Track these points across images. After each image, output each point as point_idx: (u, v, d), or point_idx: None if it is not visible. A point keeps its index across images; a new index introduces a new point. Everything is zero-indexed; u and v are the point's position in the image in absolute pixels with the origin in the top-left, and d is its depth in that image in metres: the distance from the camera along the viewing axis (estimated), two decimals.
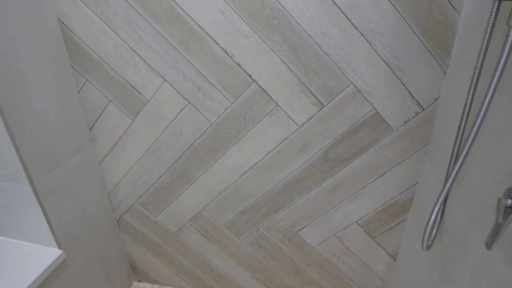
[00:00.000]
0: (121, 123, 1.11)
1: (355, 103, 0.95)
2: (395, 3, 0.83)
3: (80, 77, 1.06)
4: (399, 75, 0.90)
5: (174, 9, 0.90)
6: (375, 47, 0.88)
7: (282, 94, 0.96)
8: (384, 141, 0.99)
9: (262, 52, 0.91)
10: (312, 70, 0.92)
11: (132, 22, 0.94)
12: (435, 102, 0.93)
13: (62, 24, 0.99)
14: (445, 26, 0.84)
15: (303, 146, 1.03)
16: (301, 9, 0.85)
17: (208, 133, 1.06)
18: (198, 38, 0.92)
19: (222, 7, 0.88)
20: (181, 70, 0.97)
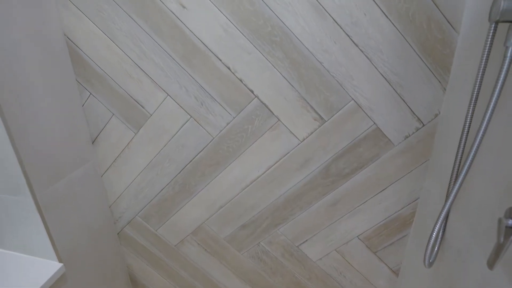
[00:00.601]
0: (123, 136, 1.12)
1: (356, 119, 0.95)
2: (394, 21, 0.84)
3: (85, 90, 1.07)
4: (399, 91, 0.91)
5: (178, 25, 0.92)
6: (375, 64, 0.89)
7: (284, 109, 0.97)
8: (385, 156, 1.00)
9: (264, 68, 0.92)
10: (313, 86, 0.93)
11: (136, 37, 0.96)
12: (435, 118, 0.94)
13: (68, 39, 1.01)
14: (444, 44, 0.86)
15: (304, 161, 1.03)
16: (302, 27, 0.87)
17: (210, 147, 1.06)
18: (201, 54, 0.94)
19: (225, 24, 0.89)
20: (184, 85, 0.99)
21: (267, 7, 0.86)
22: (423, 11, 0.83)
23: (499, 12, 0.55)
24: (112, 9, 0.94)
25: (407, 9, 0.83)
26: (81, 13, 0.96)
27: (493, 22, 0.59)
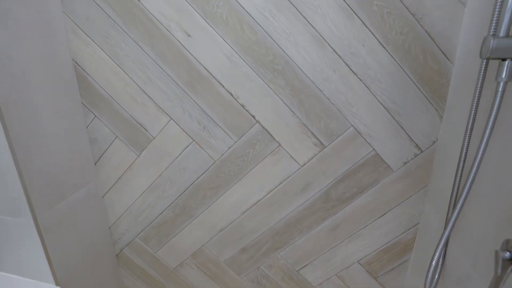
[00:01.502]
0: (126, 158, 1.13)
1: (356, 145, 0.97)
2: (392, 52, 0.88)
3: (90, 113, 1.10)
4: (398, 119, 0.94)
5: (183, 53, 0.95)
6: (373, 92, 0.92)
7: (285, 134, 0.99)
8: (384, 182, 1.01)
9: (266, 94, 0.95)
10: (313, 112, 0.95)
11: (142, 63, 0.99)
12: (433, 144, 0.96)
13: (75, 63, 1.04)
14: (440, 74, 0.89)
15: (304, 185, 1.04)
16: (303, 56, 0.90)
17: (211, 170, 1.08)
18: (204, 80, 0.97)
19: (228, 52, 0.93)
20: (187, 110, 1.01)
21: (269, 37, 0.89)
22: (418, 43, 0.86)
23: (489, 50, 0.58)
24: (119, 36, 0.97)
25: (403, 41, 0.86)
26: (90, 39, 0.99)
27: (484, 59, 0.62)
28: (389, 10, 0.84)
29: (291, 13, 0.87)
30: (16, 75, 0.86)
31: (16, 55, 0.86)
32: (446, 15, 0.83)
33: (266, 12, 0.87)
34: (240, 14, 0.88)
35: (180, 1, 0.90)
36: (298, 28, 0.88)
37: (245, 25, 0.89)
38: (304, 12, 0.86)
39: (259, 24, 0.89)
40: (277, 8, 0.87)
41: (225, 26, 0.90)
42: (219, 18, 0.90)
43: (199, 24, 0.91)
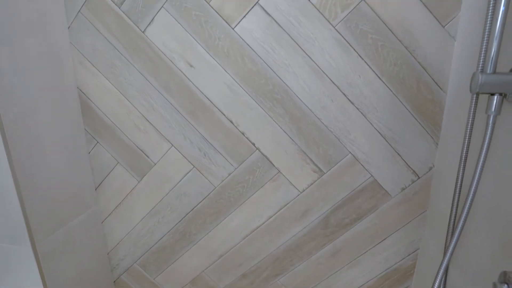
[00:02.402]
0: (127, 184, 1.14)
1: (354, 171, 0.99)
2: (387, 82, 0.91)
3: (92, 139, 1.12)
4: (394, 146, 0.96)
5: (185, 82, 0.98)
6: (370, 120, 0.94)
7: (284, 161, 1.01)
8: (383, 208, 1.02)
9: (266, 122, 0.98)
10: (312, 140, 0.97)
11: (146, 92, 1.02)
12: (430, 171, 0.97)
13: (80, 91, 1.07)
14: (433, 103, 0.92)
15: (304, 211, 1.05)
16: (302, 86, 0.93)
17: (212, 196, 1.09)
18: (206, 108, 0.99)
19: (229, 82, 0.96)
20: (188, 137, 1.03)
21: (268, 68, 0.93)
22: (412, 73, 0.90)
23: (478, 86, 0.61)
24: (124, 66, 1.01)
25: (397, 71, 0.90)
26: (95, 69, 1.03)
27: (474, 93, 0.65)
28: (383, 43, 0.88)
29: (290, 46, 0.91)
30: (22, 105, 0.88)
31: (23, 85, 0.89)
32: (438, 48, 0.88)
33: (266, 45, 0.91)
34: (241, 47, 0.92)
35: (184, 34, 0.94)
36: (296, 60, 0.91)
37: (246, 57, 0.93)
38: (303, 45, 0.90)
39: (259, 56, 0.92)
40: (277, 42, 0.91)
41: (226, 58, 0.94)
42: (221, 50, 0.94)
43: (202, 55, 0.95)
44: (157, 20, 0.95)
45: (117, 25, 0.97)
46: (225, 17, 0.91)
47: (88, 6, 0.97)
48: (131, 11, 0.95)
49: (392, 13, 0.86)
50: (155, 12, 0.94)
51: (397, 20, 0.87)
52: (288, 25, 0.89)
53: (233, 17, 0.91)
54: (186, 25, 0.93)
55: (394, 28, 0.87)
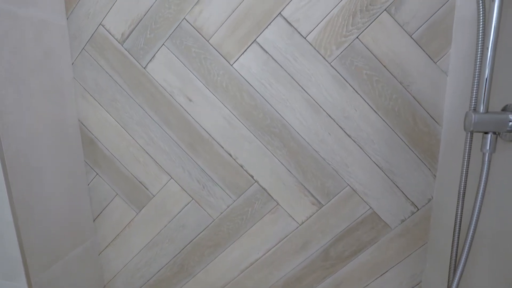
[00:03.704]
0: (125, 216, 1.14)
1: (352, 203, 0.99)
2: (383, 116, 0.93)
3: (92, 171, 1.12)
4: (392, 178, 0.96)
5: (184, 116, 1.00)
6: (367, 153, 0.95)
7: (282, 193, 1.01)
8: (383, 240, 1.01)
9: (264, 155, 0.99)
10: (310, 172, 0.98)
11: (146, 126, 1.03)
12: (429, 202, 0.97)
13: (81, 124, 1.09)
14: (429, 135, 0.93)
15: (303, 244, 1.04)
16: (299, 120, 0.95)
17: (210, 228, 1.08)
18: (204, 142, 1.01)
19: (227, 116, 0.98)
20: (187, 169, 1.04)
21: (266, 103, 0.95)
22: (407, 107, 0.92)
23: (471, 125, 0.62)
24: (125, 101, 1.03)
25: (393, 105, 0.92)
26: (97, 102, 1.05)
27: (468, 132, 0.66)
28: (378, 78, 0.91)
29: (287, 82, 0.93)
30: (25, 140, 0.90)
31: (26, 120, 0.90)
32: (431, 83, 0.90)
33: (264, 81, 0.94)
34: (239, 82, 0.95)
35: (184, 70, 0.97)
36: (294, 95, 0.94)
37: (244, 92, 0.95)
38: (299, 81, 0.93)
39: (257, 91, 0.95)
40: (274, 77, 0.93)
41: (225, 93, 0.96)
42: (220, 85, 0.96)
43: (201, 90, 0.97)
44: (158, 57, 0.98)
45: (120, 61, 1.00)
46: (224, 54, 0.94)
47: (92, 43, 1.01)
48: (133, 49, 0.99)
49: (385, 50, 0.89)
50: (156, 49, 0.97)
51: (390, 57, 0.89)
52: (285, 61, 0.92)
53: (231, 54, 0.94)
54: (186, 62, 0.96)
55: (387, 64, 0.90)
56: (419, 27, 0.87)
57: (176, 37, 0.96)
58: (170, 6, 0.94)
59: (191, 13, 0.94)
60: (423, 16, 0.86)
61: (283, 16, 0.90)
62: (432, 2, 0.85)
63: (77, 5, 0.99)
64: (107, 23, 0.99)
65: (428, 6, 0.86)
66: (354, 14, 0.88)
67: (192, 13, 0.94)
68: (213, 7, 0.92)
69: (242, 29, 0.92)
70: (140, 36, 0.98)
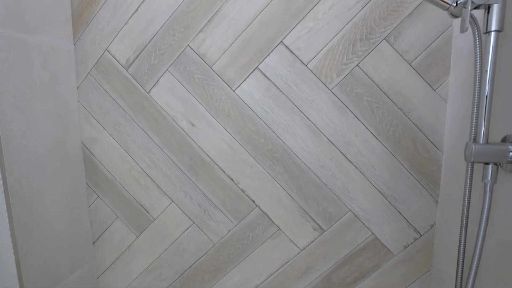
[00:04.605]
0: (125, 239, 1.13)
1: (354, 229, 0.98)
2: (383, 142, 0.93)
3: (93, 193, 1.12)
4: (394, 203, 0.96)
5: (187, 140, 1.01)
6: (369, 178, 0.95)
7: (284, 218, 1.00)
8: (386, 266, 1.00)
9: (265, 180, 0.99)
10: (311, 197, 0.98)
11: (148, 149, 1.04)
12: (432, 228, 0.97)
13: (84, 146, 1.09)
14: (430, 161, 0.93)
15: (305, 269, 1.03)
16: (301, 146, 0.96)
17: (211, 253, 1.07)
18: (206, 166, 1.01)
19: (229, 140, 0.99)
20: (189, 193, 1.04)
21: (268, 128, 0.96)
22: (408, 133, 0.92)
23: (472, 156, 0.63)
24: (128, 124, 1.04)
25: (393, 132, 0.93)
26: (100, 126, 1.06)
27: (469, 162, 0.66)
28: (378, 105, 0.92)
29: (288, 108, 0.94)
30: (28, 163, 0.90)
31: (31, 144, 0.91)
32: (431, 110, 0.91)
33: (265, 106, 0.95)
34: (241, 108, 0.96)
35: (186, 95, 0.99)
36: (295, 121, 0.95)
37: (246, 118, 0.96)
38: (301, 107, 0.94)
39: (259, 116, 0.96)
40: (276, 103, 0.95)
41: (227, 118, 0.97)
42: (222, 110, 0.97)
43: (203, 115, 0.99)
44: (161, 82, 0.99)
45: (124, 86, 1.02)
46: (226, 80, 0.96)
47: (97, 68, 1.03)
48: (137, 74, 1.01)
49: (385, 77, 0.91)
50: (160, 75, 0.99)
51: (390, 84, 0.91)
52: (286, 88, 0.94)
53: (234, 80, 0.96)
54: (189, 87, 0.98)
55: (388, 91, 0.91)
56: (417, 56, 0.89)
57: (179, 63, 0.98)
58: (174, 33, 0.97)
59: (194, 40, 0.96)
60: (421, 46, 0.89)
61: (284, 44, 0.93)
62: (429, 33, 0.88)
63: (84, 31, 1.02)
64: (113, 49, 1.01)
65: (425, 36, 0.88)
66: (354, 42, 0.91)
67: (195, 40, 0.96)
68: (216, 35, 0.95)
69: (244, 56, 0.94)
70: (145, 62, 1.00)
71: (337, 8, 0.90)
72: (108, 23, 1.00)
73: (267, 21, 0.92)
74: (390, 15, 0.89)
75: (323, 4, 0.90)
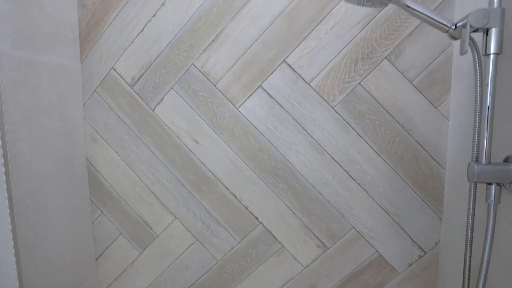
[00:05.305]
0: (128, 255, 1.13)
1: (358, 246, 0.98)
2: (386, 159, 0.94)
3: (97, 209, 1.13)
4: (398, 221, 0.96)
5: (190, 157, 1.02)
6: (372, 196, 0.95)
7: (287, 236, 1.00)
8: (390, 284, 0.99)
9: (268, 197, 0.99)
10: (315, 214, 0.98)
11: (152, 166, 1.05)
12: (436, 246, 0.96)
13: (89, 163, 1.10)
14: (433, 178, 0.93)
15: (308, 287, 1.02)
16: (304, 163, 0.96)
17: (214, 270, 1.06)
18: (210, 182, 1.02)
19: (233, 158, 0.99)
20: (192, 210, 1.04)
21: (271, 145, 0.97)
22: (410, 150, 0.93)
23: (475, 176, 0.63)
24: (133, 141, 1.05)
25: (396, 149, 0.93)
26: (105, 142, 1.07)
27: (472, 182, 0.66)
28: (380, 122, 0.93)
29: (291, 125, 0.95)
30: (33, 180, 0.91)
31: (37, 161, 0.92)
32: (433, 127, 0.92)
33: (269, 124, 0.96)
34: (244, 125, 0.97)
35: (191, 113, 1.00)
36: (298, 138, 0.95)
37: (249, 135, 0.97)
38: (303, 124, 0.95)
39: (262, 134, 0.97)
40: (279, 121, 0.96)
41: (230, 135, 0.98)
42: (226, 128, 0.98)
43: (207, 132, 1.00)
44: (166, 100, 1.01)
45: (129, 103, 1.04)
46: (230, 98, 0.98)
47: (103, 85, 1.05)
48: (142, 91, 1.02)
49: (387, 95, 0.92)
50: (164, 92, 1.01)
51: (392, 102, 0.92)
52: (289, 106, 0.95)
53: (237, 98, 0.97)
54: (194, 105, 1.00)
55: (389, 109, 0.92)
56: (418, 74, 0.91)
57: (184, 81, 1.00)
58: (179, 52, 0.99)
59: (199, 59, 0.98)
60: (422, 64, 0.90)
61: (287, 63, 0.94)
62: (429, 52, 0.89)
63: (91, 50, 1.04)
64: (119, 67, 1.03)
65: (426, 55, 0.89)
66: (356, 61, 0.92)
67: (200, 59, 0.98)
68: (220, 54, 0.97)
69: (248, 75, 0.96)
70: (150, 80, 1.02)
71: (338, 28, 0.92)
72: (114, 42, 1.02)
73: (270, 40, 0.94)
74: (390, 34, 0.91)
75: (325, 24, 0.92)
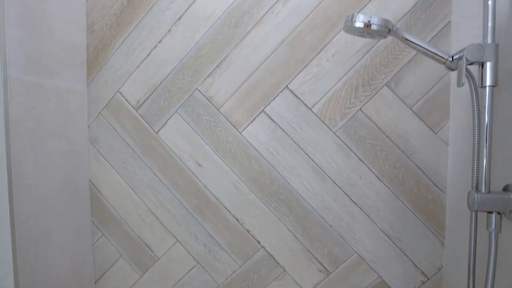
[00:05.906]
0: (128, 278, 1.11)
1: (361, 271, 0.97)
2: (387, 184, 0.95)
3: (98, 231, 1.12)
4: (400, 246, 0.96)
5: (193, 180, 1.03)
6: (374, 220, 0.96)
7: (289, 260, 1.00)
8: None
9: (271, 221, 0.99)
10: (317, 239, 0.98)
11: (155, 188, 1.06)
12: (439, 271, 0.95)
13: (91, 184, 1.11)
14: (434, 203, 0.94)
15: None
16: (306, 187, 0.97)
17: None
18: (212, 206, 1.02)
19: (235, 181, 1.00)
20: (194, 233, 1.04)
21: (274, 169, 0.98)
22: (411, 175, 0.94)
23: (475, 204, 0.64)
24: (136, 163, 1.06)
25: (397, 173, 0.94)
26: (109, 164, 1.08)
27: (473, 211, 0.67)
28: (381, 148, 0.94)
29: (293, 150, 0.97)
30: (36, 203, 0.92)
31: (41, 183, 0.93)
32: (433, 153, 0.93)
33: (271, 148, 0.98)
34: (247, 149, 0.99)
35: (194, 136, 1.02)
36: (300, 162, 0.97)
37: (252, 159, 0.99)
38: (305, 149, 0.96)
39: (264, 158, 0.98)
40: (281, 145, 0.97)
41: (233, 159, 1.00)
42: (228, 151, 1.00)
43: (210, 156, 1.01)
44: (170, 123, 1.03)
45: (133, 126, 1.05)
46: (233, 122, 0.99)
47: (108, 108, 1.07)
48: (147, 115, 1.04)
49: (387, 121, 0.94)
50: (168, 116, 1.03)
51: (392, 128, 0.94)
52: (291, 131, 0.97)
53: (240, 122, 0.99)
54: (197, 128, 1.01)
55: (390, 135, 0.94)
56: (418, 101, 0.93)
57: (188, 105, 1.02)
58: (184, 77, 1.02)
59: (203, 84, 1.01)
60: (421, 91, 0.92)
61: (290, 89, 0.97)
62: (428, 79, 0.92)
63: (97, 74, 1.07)
64: (124, 90, 1.05)
65: (425, 82, 0.92)
66: (357, 88, 0.94)
67: (204, 84, 1.01)
68: (224, 80, 0.99)
69: (251, 100, 0.98)
70: (154, 103, 1.04)
71: (339, 56, 0.95)
72: (121, 66, 1.05)
73: (273, 67, 0.97)
74: (390, 62, 0.93)
75: (326, 52, 0.95)
